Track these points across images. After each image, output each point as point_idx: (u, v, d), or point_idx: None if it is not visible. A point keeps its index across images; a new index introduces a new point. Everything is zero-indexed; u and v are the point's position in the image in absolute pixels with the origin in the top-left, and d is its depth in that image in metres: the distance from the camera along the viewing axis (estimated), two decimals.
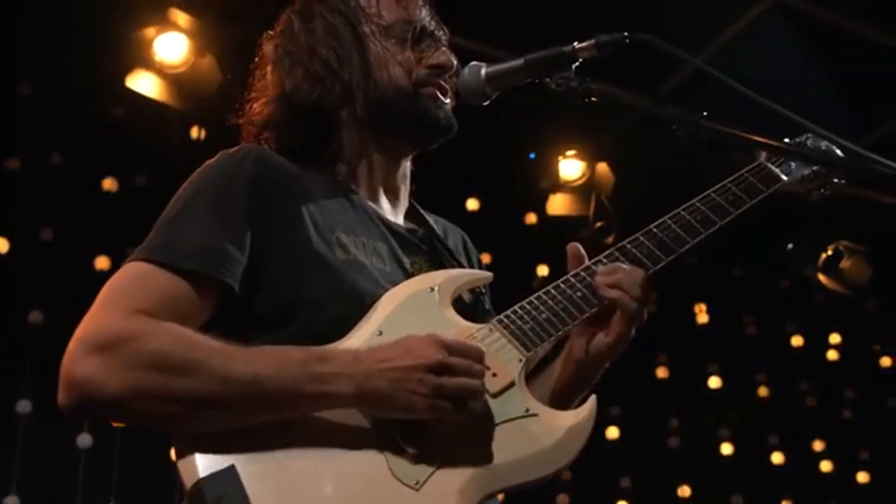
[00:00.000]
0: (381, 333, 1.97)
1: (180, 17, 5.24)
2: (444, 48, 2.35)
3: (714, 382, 7.32)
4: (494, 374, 1.96)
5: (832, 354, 7.77)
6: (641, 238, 2.24)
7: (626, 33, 2.05)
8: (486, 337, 2.05)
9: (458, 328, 2.05)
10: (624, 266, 2.17)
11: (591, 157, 6.54)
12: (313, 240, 2.04)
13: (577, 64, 2.12)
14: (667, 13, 5.27)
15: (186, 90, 5.24)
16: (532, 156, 6.71)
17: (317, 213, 2.09)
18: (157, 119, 5.32)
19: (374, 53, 2.26)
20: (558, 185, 6.58)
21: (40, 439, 5.05)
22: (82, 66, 5.28)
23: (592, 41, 2.10)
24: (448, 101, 2.32)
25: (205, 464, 1.81)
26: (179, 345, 1.84)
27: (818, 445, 7.49)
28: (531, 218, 6.83)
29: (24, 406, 5.04)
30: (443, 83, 2.31)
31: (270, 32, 2.38)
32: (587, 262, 2.20)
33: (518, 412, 1.98)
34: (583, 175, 6.54)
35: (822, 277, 7.05)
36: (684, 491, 6.88)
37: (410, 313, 2.01)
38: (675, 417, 7.12)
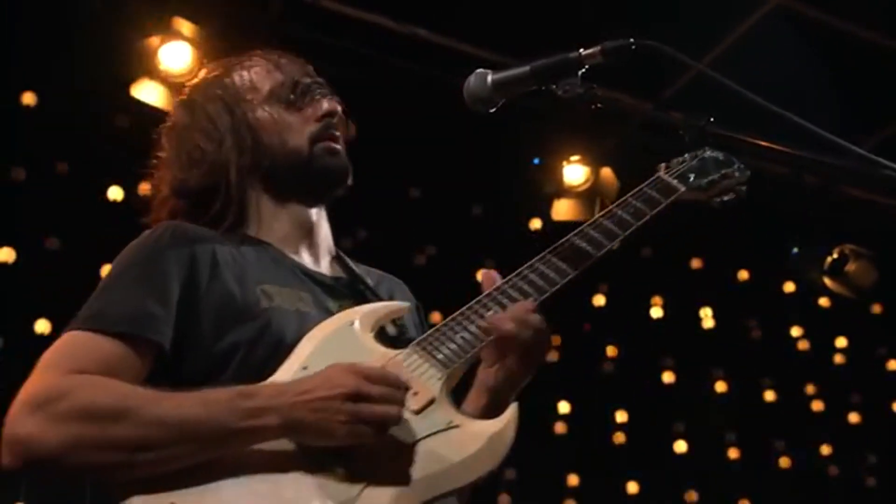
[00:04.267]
0: (305, 368, 2.05)
1: (184, 26, 5.25)
2: (326, 96, 2.45)
3: (720, 387, 7.31)
4: (416, 393, 2.02)
5: (838, 358, 7.76)
6: (549, 256, 2.25)
7: (631, 40, 2.06)
8: (406, 359, 2.11)
9: (378, 354, 2.12)
10: (512, 306, 2.17)
11: (595, 162, 6.54)
12: (237, 294, 2.14)
13: (583, 70, 2.14)
14: (669, 18, 5.28)
15: None
16: (536, 161, 6.72)
17: (238, 270, 2.19)
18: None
19: (257, 125, 2.37)
20: (563, 191, 6.59)
21: None
22: (87, 76, 5.30)
23: (598, 48, 2.12)
24: (340, 146, 2.41)
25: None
26: (110, 394, 1.93)
27: (825, 449, 7.48)
28: (535, 223, 6.84)
29: None
30: (334, 132, 2.41)
31: (165, 125, 2.53)
32: (499, 283, 2.22)
33: (440, 425, 2.03)
34: (587, 180, 6.54)
35: (827, 281, 7.04)
36: (691, 496, 6.87)
37: (333, 348, 2.09)
38: (682, 422, 7.12)
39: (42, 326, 5.18)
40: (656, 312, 7.18)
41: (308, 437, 1.94)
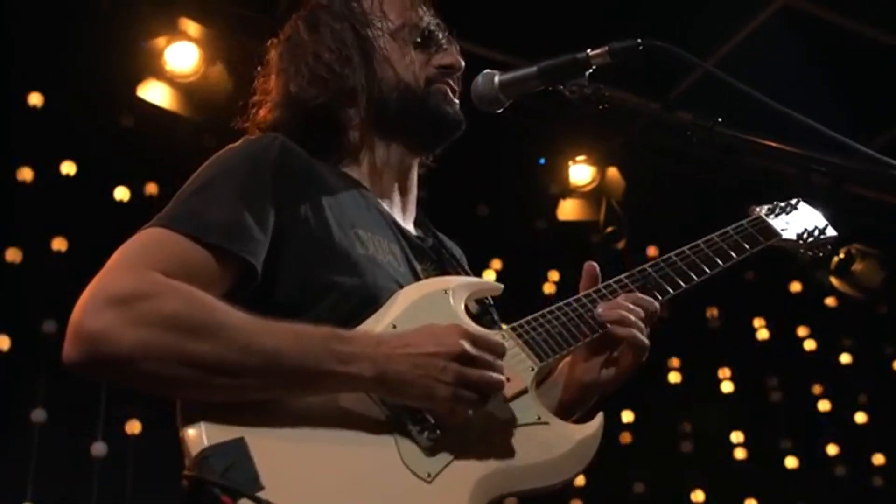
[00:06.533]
0: (395, 327, 1.94)
1: (190, 26, 5.26)
2: (451, 49, 2.37)
3: (726, 387, 7.30)
4: (508, 380, 1.91)
5: (845, 358, 7.75)
6: (649, 270, 2.31)
7: (639, 40, 2.06)
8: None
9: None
10: (629, 300, 2.20)
11: (601, 162, 6.54)
12: (335, 232, 2.02)
13: (591, 70, 2.13)
14: (675, 18, 5.27)
15: (197, 99, 5.26)
16: (542, 161, 6.72)
17: (335, 207, 2.07)
18: (168, 128, 5.34)
19: (379, 55, 2.28)
20: (568, 191, 6.59)
21: (55, 448, 5.06)
22: (93, 76, 5.31)
23: (605, 48, 2.11)
24: (457, 99, 2.34)
25: (213, 433, 1.73)
26: (200, 308, 1.77)
27: (832, 449, 7.46)
28: (541, 223, 6.83)
29: (38, 415, 5.05)
30: (452, 83, 2.33)
31: (275, 40, 2.41)
32: (600, 284, 2.24)
33: (530, 419, 1.97)
34: (593, 180, 6.55)
35: (834, 281, 7.03)
36: (697, 496, 6.86)
37: (424, 312, 1.98)
38: (688, 422, 7.11)
39: (49, 327, 5.18)
40: (662, 312, 7.16)
41: (402, 395, 1.82)
